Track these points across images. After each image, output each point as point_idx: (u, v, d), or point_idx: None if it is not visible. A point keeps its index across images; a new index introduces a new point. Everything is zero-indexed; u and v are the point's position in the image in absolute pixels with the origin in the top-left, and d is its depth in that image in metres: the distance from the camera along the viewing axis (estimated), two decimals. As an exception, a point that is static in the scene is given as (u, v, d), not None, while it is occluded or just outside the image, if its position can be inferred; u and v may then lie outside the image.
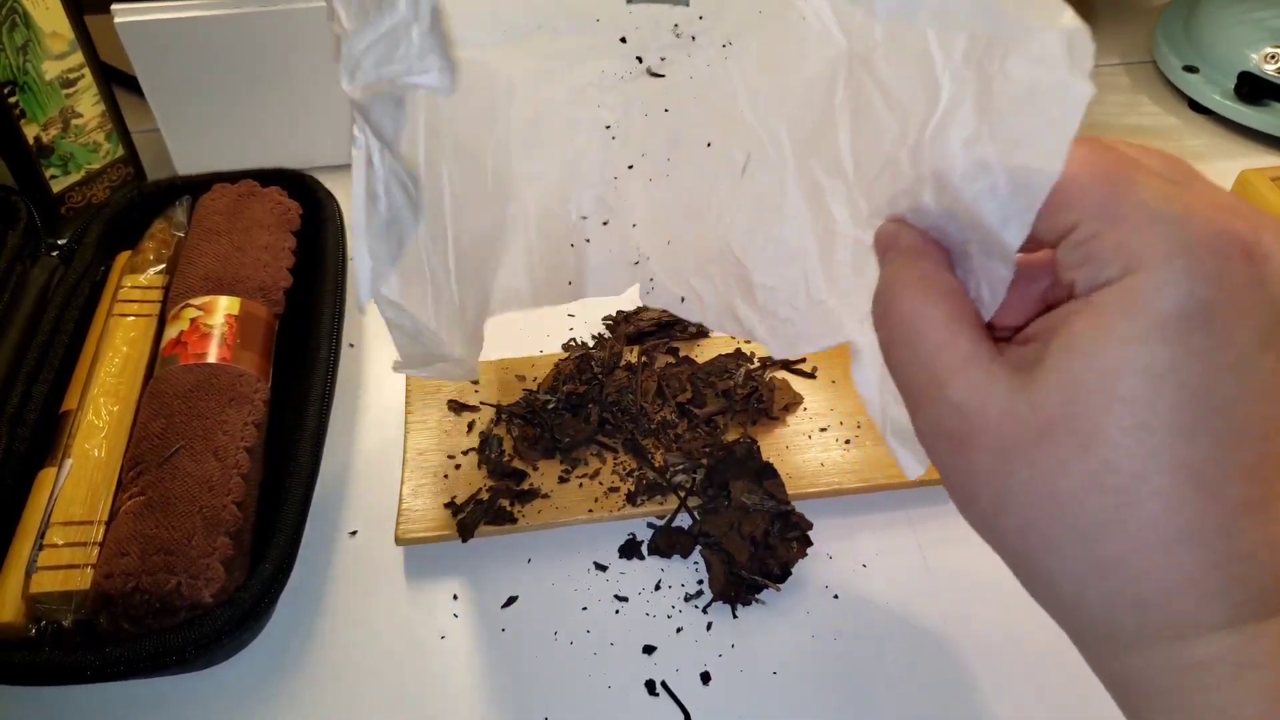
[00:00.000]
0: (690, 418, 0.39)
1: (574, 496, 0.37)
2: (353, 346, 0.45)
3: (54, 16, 0.46)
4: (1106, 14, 0.66)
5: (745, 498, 0.36)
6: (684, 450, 0.38)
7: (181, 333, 0.39)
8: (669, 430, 0.39)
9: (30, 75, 0.46)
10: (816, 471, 0.38)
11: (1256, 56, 0.55)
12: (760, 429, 0.40)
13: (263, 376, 0.39)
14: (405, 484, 0.38)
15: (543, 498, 0.37)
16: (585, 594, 0.36)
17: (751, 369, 0.41)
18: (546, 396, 0.40)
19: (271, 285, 0.42)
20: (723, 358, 0.42)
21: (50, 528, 0.34)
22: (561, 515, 0.37)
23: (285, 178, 0.48)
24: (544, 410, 0.39)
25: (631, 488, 0.37)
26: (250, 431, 0.37)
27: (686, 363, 0.42)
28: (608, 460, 0.38)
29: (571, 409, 0.39)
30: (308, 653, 0.34)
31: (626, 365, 0.41)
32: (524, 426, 0.39)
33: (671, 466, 0.38)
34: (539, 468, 0.38)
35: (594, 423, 0.39)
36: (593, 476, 0.38)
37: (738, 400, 0.40)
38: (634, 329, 0.43)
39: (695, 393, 0.40)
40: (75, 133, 0.49)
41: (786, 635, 0.34)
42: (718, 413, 0.39)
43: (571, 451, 0.38)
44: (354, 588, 0.36)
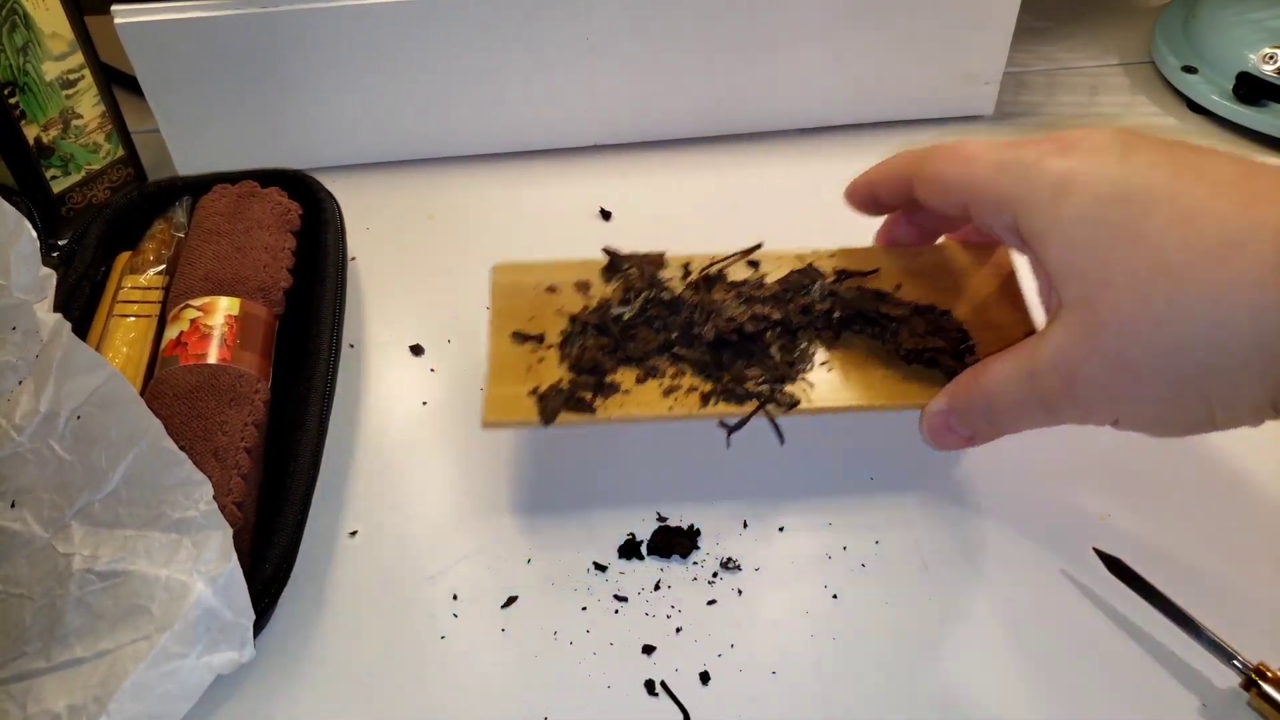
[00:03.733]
0: (764, 331, 0.39)
1: (652, 395, 0.38)
2: (353, 347, 0.45)
3: (54, 17, 0.46)
4: (1105, 14, 0.66)
5: (895, 311, 0.39)
6: (762, 364, 0.39)
7: (181, 333, 0.39)
8: (747, 343, 0.39)
9: (30, 76, 0.46)
10: (899, 385, 0.38)
11: (1255, 57, 0.55)
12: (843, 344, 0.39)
13: (263, 377, 0.39)
14: (490, 376, 0.38)
15: (623, 393, 0.37)
16: (585, 594, 0.36)
17: (827, 282, 0.41)
18: (620, 309, 0.40)
19: (272, 286, 0.42)
20: (795, 274, 0.41)
21: (51, 528, 0.34)
22: (641, 410, 0.37)
23: (285, 178, 0.48)
24: (616, 321, 0.40)
25: (708, 389, 0.38)
26: (250, 432, 0.37)
27: (760, 283, 0.41)
28: (685, 371, 0.38)
29: (645, 321, 0.40)
30: (307, 653, 0.34)
31: (695, 282, 0.41)
32: (598, 336, 0.39)
33: (751, 378, 0.38)
34: (617, 373, 0.38)
35: (668, 334, 0.39)
36: (670, 379, 0.38)
37: (817, 315, 0.40)
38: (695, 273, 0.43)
39: (784, 307, 0.40)
40: (75, 133, 0.49)
41: (786, 635, 0.34)
42: (798, 327, 0.39)
43: (645, 361, 0.39)
44: (354, 588, 0.36)
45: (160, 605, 0.29)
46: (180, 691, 0.30)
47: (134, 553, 0.30)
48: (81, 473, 0.31)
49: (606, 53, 0.52)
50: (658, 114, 0.55)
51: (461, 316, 0.46)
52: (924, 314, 0.39)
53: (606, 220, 0.51)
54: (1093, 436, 0.40)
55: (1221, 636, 0.32)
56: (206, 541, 0.30)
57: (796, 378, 0.38)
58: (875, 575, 0.36)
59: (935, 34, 0.53)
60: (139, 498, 0.31)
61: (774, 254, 0.42)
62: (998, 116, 0.57)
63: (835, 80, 0.54)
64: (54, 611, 0.30)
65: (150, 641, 0.29)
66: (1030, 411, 0.32)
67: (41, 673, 0.29)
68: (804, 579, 0.36)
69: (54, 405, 0.31)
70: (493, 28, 0.50)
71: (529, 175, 0.55)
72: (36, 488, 0.31)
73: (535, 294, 0.41)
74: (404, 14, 0.49)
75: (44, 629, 0.30)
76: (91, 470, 0.31)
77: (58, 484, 0.31)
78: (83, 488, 0.31)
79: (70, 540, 0.31)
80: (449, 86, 0.52)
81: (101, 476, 0.31)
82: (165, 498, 0.30)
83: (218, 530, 0.31)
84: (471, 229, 0.51)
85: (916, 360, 0.38)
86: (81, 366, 0.31)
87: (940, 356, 0.38)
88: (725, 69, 0.53)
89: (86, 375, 0.31)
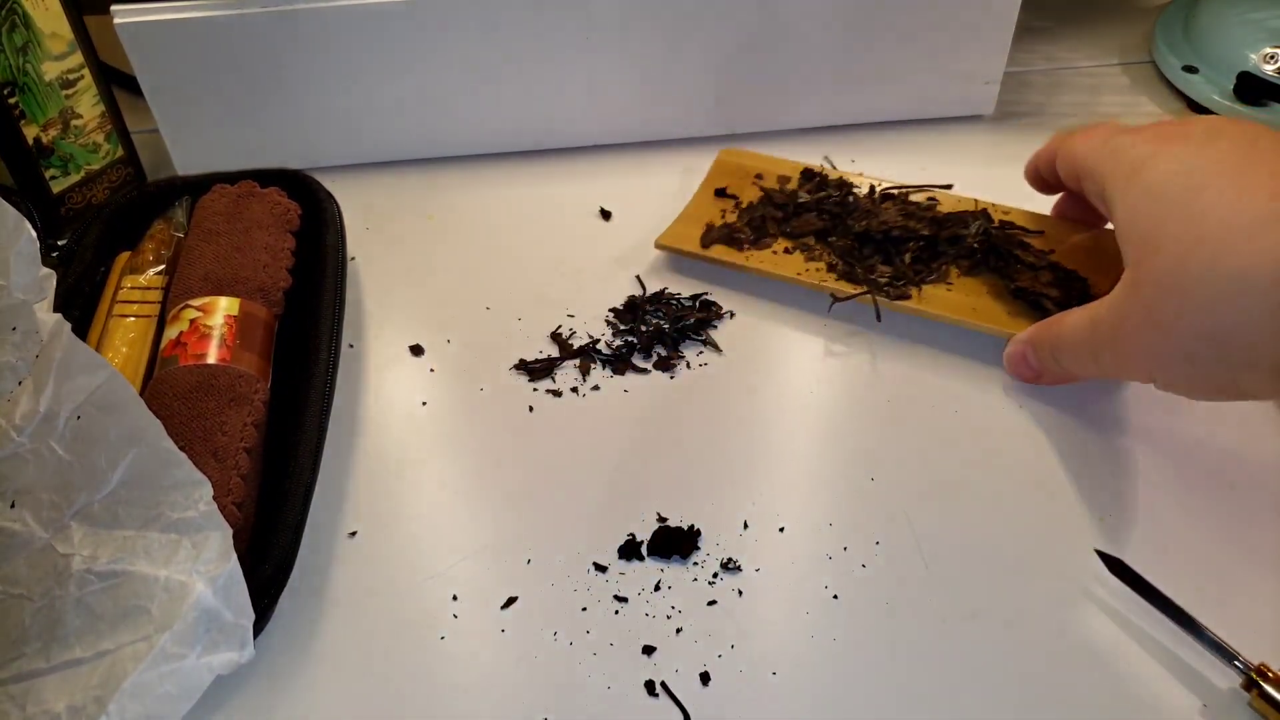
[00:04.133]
0: (907, 240, 0.45)
1: (793, 262, 0.46)
2: (352, 347, 0.45)
3: (53, 17, 0.46)
4: (1105, 14, 0.66)
5: (1026, 258, 0.43)
6: (894, 265, 0.44)
7: (181, 333, 0.39)
8: (888, 245, 0.45)
9: (30, 76, 0.46)
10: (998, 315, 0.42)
11: (1256, 57, 0.55)
12: (974, 275, 0.44)
13: (262, 377, 0.39)
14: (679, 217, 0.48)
15: (771, 252, 0.46)
16: (585, 594, 0.36)
17: (990, 227, 0.45)
18: (805, 195, 0.48)
19: (271, 286, 0.42)
20: (965, 212, 0.46)
21: (50, 528, 0.34)
22: (775, 268, 0.45)
23: (285, 178, 0.48)
24: (793, 200, 0.48)
25: (840, 270, 0.45)
26: (250, 432, 0.37)
27: (928, 208, 0.47)
28: (829, 254, 0.45)
29: (817, 208, 0.47)
30: (307, 654, 0.34)
31: (875, 195, 0.48)
32: (774, 208, 0.48)
33: (879, 273, 0.44)
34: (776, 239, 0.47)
35: (829, 223, 0.47)
36: (813, 256, 0.46)
37: (964, 247, 0.44)
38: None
39: (933, 227, 0.45)
40: (75, 133, 0.49)
41: (786, 635, 0.34)
42: (940, 249, 0.45)
43: (801, 238, 0.46)
44: (354, 589, 0.36)
45: (160, 605, 0.29)
46: (180, 692, 0.30)
47: (133, 553, 0.30)
48: (81, 473, 0.31)
49: (606, 53, 0.52)
50: (658, 114, 0.55)
51: (461, 316, 0.46)
52: (1057, 271, 0.43)
53: (607, 220, 0.51)
54: (1092, 436, 0.40)
55: (1222, 636, 0.32)
56: (206, 542, 0.30)
57: (917, 285, 0.44)
58: (875, 575, 0.36)
59: (935, 34, 0.53)
60: (138, 498, 0.31)
61: (957, 195, 0.48)
62: (998, 116, 0.57)
63: (835, 80, 0.54)
64: (53, 612, 0.30)
65: (150, 642, 0.29)
66: (1086, 356, 0.36)
67: (41, 673, 0.29)
68: (804, 579, 0.36)
69: (54, 405, 0.31)
70: (493, 28, 0.50)
71: (529, 175, 0.54)
72: (36, 488, 0.31)
73: (745, 174, 0.50)
74: (404, 14, 0.49)
75: (43, 629, 0.30)
76: (91, 471, 0.31)
77: (57, 484, 0.31)
78: (82, 488, 0.31)
79: (70, 541, 0.31)
80: (449, 86, 0.52)
81: (101, 477, 0.31)
82: (165, 498, 0.30)
83: (217, 530, 0.31)
84: (471, 229, 0.51)
85: (1022, 297, 0.42)
86: (81, 367, 0.31)
87: (1047, 302, 0.41)
88: (725, 69, 0.53)
89: (86, 375, 0.31)
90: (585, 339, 0.45)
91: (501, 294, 0.47)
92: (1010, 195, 0.47)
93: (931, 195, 0.48)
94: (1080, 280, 0.43)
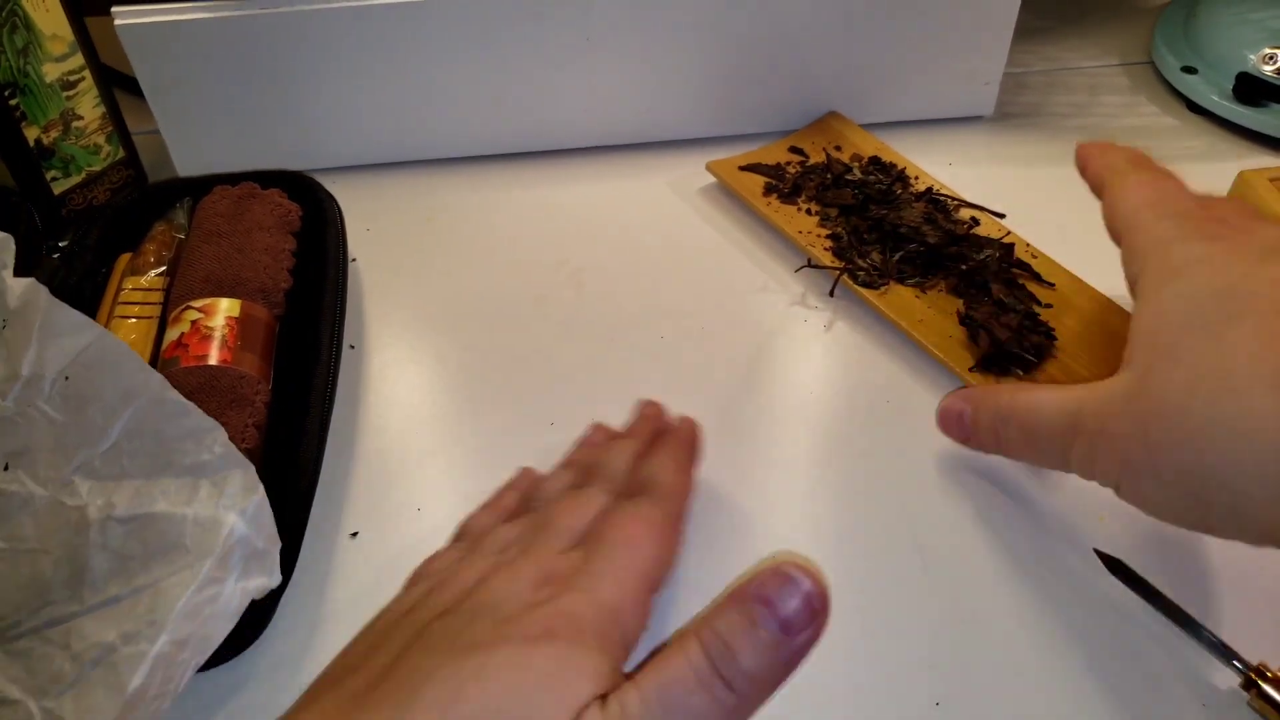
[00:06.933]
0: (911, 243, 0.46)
1: (803, 223, 0.48)
2: (353, 348, 0.45)
3: (54, 19, 0.46)
4: (1105, 14, 0.66)
5: (1004, 297, 0.43)
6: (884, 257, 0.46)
7: (182, 335, 0.39)
8: (892, 240, 0.46)
9: (31, 78, 0.46)
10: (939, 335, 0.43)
11: (1255, 57, 0.55)
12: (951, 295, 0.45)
13: (263, 378, 0.39)
14: (748, 153, 0.53)
15: (794, 210, 0.49)
16: (586, 595, 0.36)
17: (997, 256, 0.45)
18: (853, 174, 0.51)
19: (272, 287, 0.42)
20: (989, 239, 0.46)
21: (52, 529, 0.34)
22: (782, 223, 0.48)
23: (286, 179, 0.48)
24: (841, 177, 0.50)
25: (843, 244, 0.47)
26: (251, 433, 0.37)
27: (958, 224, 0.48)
28: (841, 230, 0.47)
29: (858, 189, 0.49)
30: (308, 655, 0.34)
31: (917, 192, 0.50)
32: (823, 175, 0.51)
33: (867, 256, 0.46)
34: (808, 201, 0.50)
35: (854, 200, 0.48)
36: (827, 225, 0.48)
37: (960, 264, 0.45)
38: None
39: (943, 238, 0.46)
40: (76, 135, 0.49)
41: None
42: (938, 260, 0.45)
43: (829, 207, 0.49)
44: (355, 589, 0.36)
45: (193, 539, 0.30)
46: (222, 614, 0.31)
47: (151, 498, 0.31)
48: (77, 431, 0.31)
49: (606, 53, 0.52)
50: (658, 114, 0.55)
51: (462, 317, 0.46)
52: (1030, 320, 0.42)
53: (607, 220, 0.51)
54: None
55: (1221, 636, 0.32)
56: (228, 480, 0.31)
57: (891, 278, 0.45)
58: (875, 575, 0.36)
59: (935, 34, 0.53)
60: (142, 449, 0.31)
61: (996, 222, 0.48)
62: (998, 116, 0.57)
63: (836, 80, 0.54)
64: (77, 560, 0.31)
65: (194, 570, 0.30)
66: (1049, 442, 0.33)
67: (78, 615, 0.30)
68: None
69: (37, 368, 0.31)
70: (493, 28, 0.50)
71: (529, 175, 0.55)
72: (29, 449, 0.32)
73: (830, 139, 0.54)
74: (404, 15, 0.49)
75: (68, 578, 0.31)
76: (87, 428, 0.31)
77: (53, 444, 0.32)
78: (80, 445, 0.31)
79: (77, 494, 0.31)
80: (449, 87, 0.52)
81: (99, 433, 0.31)
82: (174, 446, 0.31)
83: (238, 468, 0.32)
84: (471, 229, 0.51)
85: (966, 323, 0.42)
86: (65, 328, 0.31)
87: (986, 339, 0.41)
88: (725, 69, 0.53)
89: (71, 337, 0.31)
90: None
91: (502, 295, 0.47)
92: (1009, 196, 0.47)
93: (975, 215, 0.48)
94: (1049, 338, 0.41)
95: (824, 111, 0.56)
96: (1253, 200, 0.47)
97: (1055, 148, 0.55)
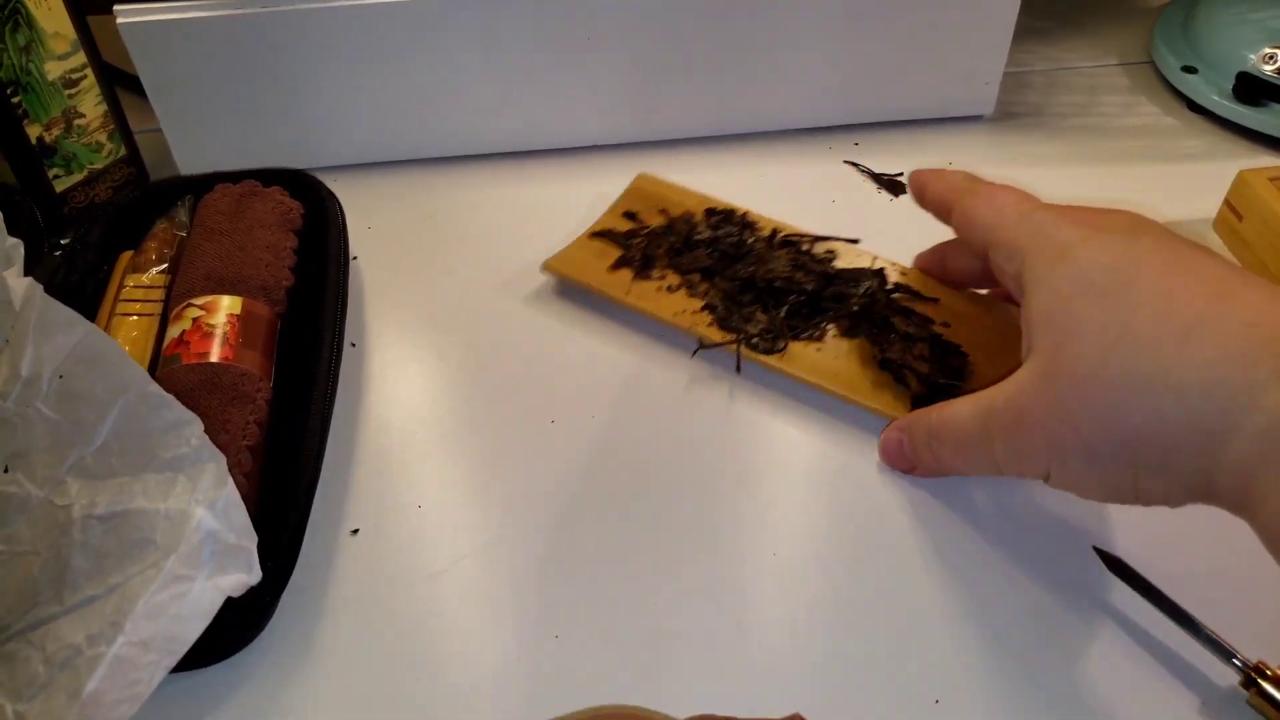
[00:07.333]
0: (790, 293, 0.43)
1: (673, 301, 0.44)
2: (355, 345, 0.45)
3: (56, 17, 0.46)
4: (1104, 14, 0.66)
5: (906, 328, 0.41)
6: (771, 316, 0.43)
7: (184, 332, 0.39)
8: (770, 295, 0.44)
9: (33, 75, 0.46)
10: (861, 384, 0.41)
11: (1255, 57, 0.55)
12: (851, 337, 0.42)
13: (265, 375, 0.39)
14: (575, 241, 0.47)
15: (655, 287, 0.45)
16: (587, 595, 0.36)
17: (881, 289, 0.43)
18: (703, 231, 0.47)
19: (274, 284, 0.42)
20: (859, 270, 0.44)
21: (54, 526, 0.34)
22: (652, 307, 0.44)
23: (287, 177, 0.48)
24: (690, 235, 0.47)
25: (716, 315, 0.43)
26: (252, 430, 0.37)
27: (822, 261, 0.45)
28: (712, 296, 0.44)
29: (710, 246, 0.46)
30: (309, 652, 0.35)
31: (774, 240, 0.47)
32: (670, 238, 0.47)
33: (755, 321, 0.42)
34: (664, 273, 0.45)
35: (712, 261, 0.45)
36: (696, 296, 0.44)
37: (845, 306, 0.43)
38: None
39: (819, 283, 0.44)
40: (78, 133, 0.49)
41: (786, 634, 0.35)
42: (823, 307, 0.43)
43: (689, 274, 0.45)
44: (356, 586, 0.36)
45: (163, 534, 0.30)
46: (192, 613, 0.30)
47: (131, 494, 0.31)
48: (71, 430, 0.31)
49: (607, 52, 0.52)
50: (658, 114, 0.55)
51: (463, 315, 0.46)
52: (938, 344, 0.41)
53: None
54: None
55: (1221, 635, 0.32)
56: (202, 473, 0.31)
57: (786, 339, 0.42)
58: (875, 574, 0.36)
59: (935, 34, 0.53)
60: (130, 446, 0.31)
61: (857, 250, 0.46)
62: (998, 116, 0.57)
63: (835, 80, 0.54)
64: (60, 560, 0.30)
65: (158, 567, 0.29)
66: (977, 448, 0.34)
67: (57, 616, 0.30)
68: (804, 577, 0.36)
69: (35, 368, 0.31)
70: (493, 27, 0.50)
71: (529, 175, 0.55)
72: (28, 450, 0.32)
73: (656, 203, 0.49)
74: (404, 14, 0.49)
75: (53, 578, 0.30)
76: (80, 426, 0.31)
77: (49, 444, 0.32)
78: (74, 444, 0.31)
79: (67, 494, 0.31)
80: (449, 86, 0.52)
81: (91, 431, 0.31)
82: (156, 440, 0.31)
83: (211, 461, 0.31)
84: (472, 228, 0.51)
85: (888, 368, 0.40)
86: (58, 325, 0.31)
87: (910, 375, 0.39)
88: (725, 69, 0.53)
89: (64, 333, 0.31)
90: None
91: (502, 294, 0.47)
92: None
93: (830, 249, 0.46)
94: (960, 356, 0.41)
95: (828, 108, 0.56)
96: (1252, 200, 0.47)
97: (1055, 148, 0.55)
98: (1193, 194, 0.51)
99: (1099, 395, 0.29)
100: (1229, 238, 0.49)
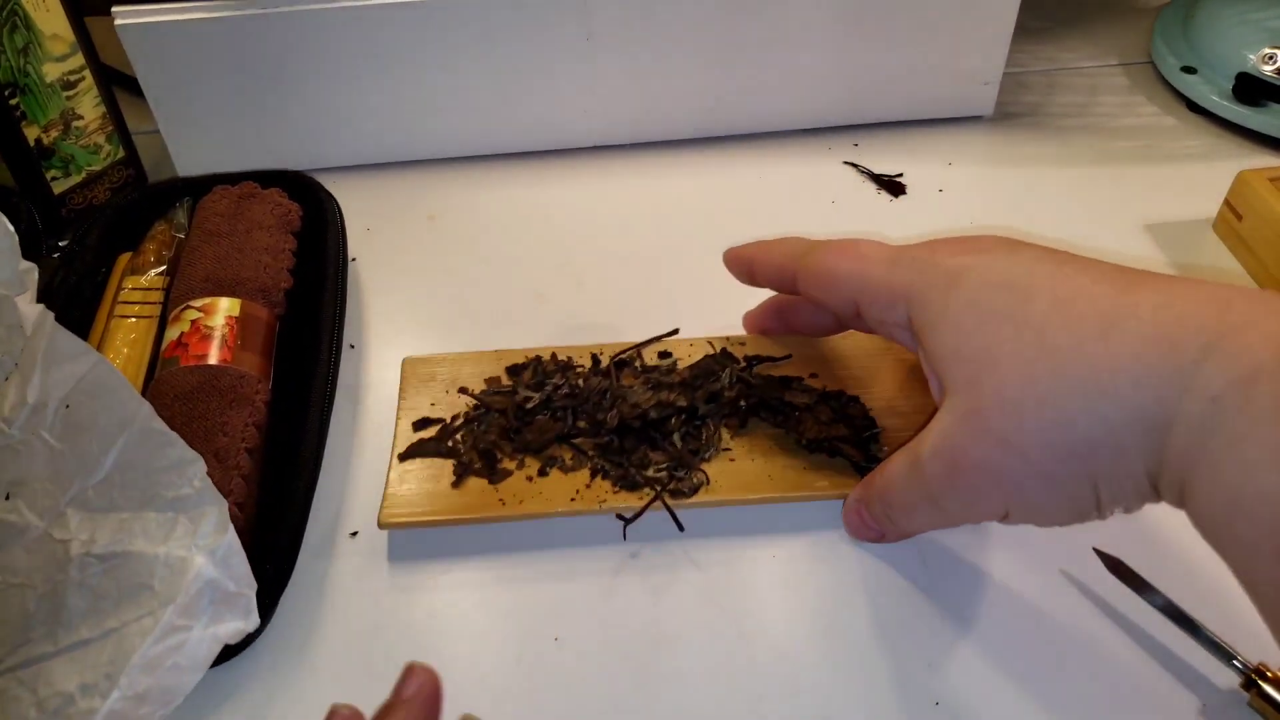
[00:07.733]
0: (669, 418, 0.39)
1: (555, 488, 0.37)
2: (353, 348, 0.45)
3: (54, 19, 0.46)
4: (1104, 14, 0.66)
5: (797, 400, 0.38)
6: (665, 451, 0.38)
7: (182, 334, 0.39)
8: (651, 429, 0.39)
9: (31, 77, 0.46)
10: (799, 476, 0.38)
11: (1254, 57, 0.55)
12: (748, 431, 0.39)
13: (263, 378, 0.39)
14: (392, 470, 0.38)
15: (526, 482, 0.38)
16: (588, 595, 0.36)
17: (738, 369, 0.41)
18: (529, 394, 0.40)
19: (272, 286, 0.42)
20: (709, 359, 0.41)
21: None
22: (546, 504, 0.37)
23: (286, 179, 0.48)
24: (523, 407, 0.40)
25: (610, 477, 0.38)
26: (251, 433, 0.37)
27: (670, 371, 0.41)
28: (586, 459, 0.38)
29: (548, 408, 0.40)
30: (308, 654, 0.35)
31: (606, 369, 0.41)
32: (499, 418, 0.40)
33: (654, 463, 0.38)
34: (522, 463, 0.38)
35: (571, 422, 0.39)
36: (571, 471, 0.38)
37: (725, 403, 0.39)
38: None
39: (687, 395, 0.40)
40: (76, 135, 0.49)
41: (787, 635, 0.35)
42: (704, 415, 0.39)
43: (544, 451, 0.39)
44: (355, 589, 0.36)
45: (161, 581, 0.30)
46: (189, 663, 0.30)
47: (131, 534, 0.30)
48: (74, 461, 0.31)
49: (606, 53, 0.52)
50: (658, 114, 0.55)
51: (462, 317, 0.46)
52: (830, 401, 0.40)
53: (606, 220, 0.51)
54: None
55: (1221, 636, 0.32)
56: (203, 517, 0.30)
57: (698, 466, 0.38)
58: (874, 574, 0.36)
59: (935, 34, 0.53)
60: (132, 481, 0.31)
61: (688, 340, 0.42)
62: (997, 117, 0.57)
63: (835, 81, 0.54)
64: (56, 597, 0.30)
65: (155, 617, 0.29)
66: (918, 505, 0.32)
67: (49, 656, 0.30)
68: (804, 579, 0.36)
69: (42, 395, 0.31)
70: (493, 28, 0.50)
71: (529, 175, 0.55)
72: (30, 479, 0.31)
73: (446, 386, 0.41)
74: (404, 15, 0.49)
75: (48, 615, 0.30)
76: (83, 457, 0.31)
77: (51, 473, 0.31)
78: (75, 475, 0.31)
79: (66, 527, 0.31)
80: (449, 87, 0.52)
81: (94, 463, 0.31)
82: (159, 478, 0.31)
83: (213, 505, 0.31)
84: (471, 229, 0.51)
85: (818, 450, 0.38)
86: (67, 354, 0.31)
87: (842, 445, 0.38)
88: (725, 69, 0.53)
89: (72, 363, 0.31)
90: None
91: (502, 295, 0.47)
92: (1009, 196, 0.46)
93: (662, 349, 0.42)
94: (850, 400, 0.40)
95: (828, 109, 0.56)
96: (1252, 200, 0.47)
97: (1055, 148, 0.55)
98: (1192, 194, 0.51)
99: (1036, 415, 0.28)
100: (1229, 238, 0.49)
